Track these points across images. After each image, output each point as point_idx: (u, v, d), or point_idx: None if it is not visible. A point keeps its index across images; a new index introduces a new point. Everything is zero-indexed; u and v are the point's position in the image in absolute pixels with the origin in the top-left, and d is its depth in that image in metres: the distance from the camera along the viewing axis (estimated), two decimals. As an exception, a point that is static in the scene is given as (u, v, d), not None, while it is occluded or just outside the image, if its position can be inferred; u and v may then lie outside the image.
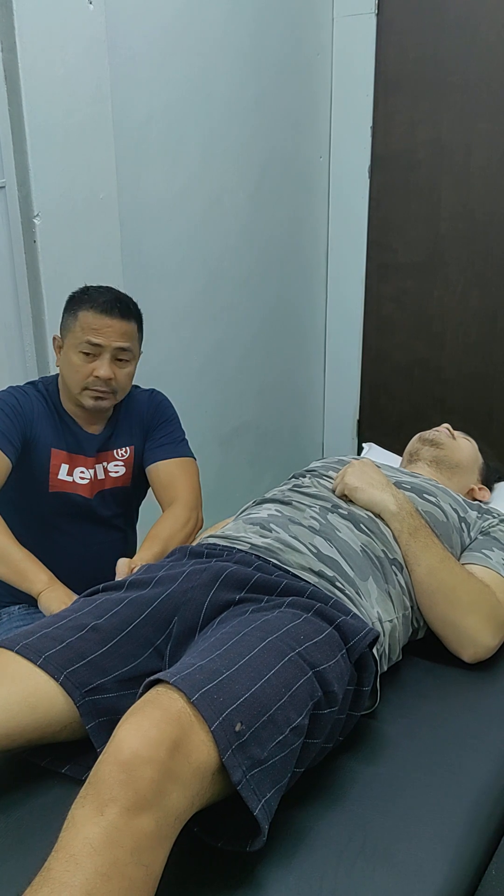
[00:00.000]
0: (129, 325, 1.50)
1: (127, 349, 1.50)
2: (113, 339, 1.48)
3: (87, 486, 1.60)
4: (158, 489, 1.64)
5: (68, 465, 1.58)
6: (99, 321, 1.46)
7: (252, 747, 0.89)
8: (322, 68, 2.57)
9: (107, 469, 1.62)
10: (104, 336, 1.47)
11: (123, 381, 1.53)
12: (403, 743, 1.14)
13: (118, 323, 1.48)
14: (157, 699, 0.89)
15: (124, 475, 1.64)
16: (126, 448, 1.64)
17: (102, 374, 1.48)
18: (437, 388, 2.76)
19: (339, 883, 0.90)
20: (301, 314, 2.79)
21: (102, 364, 1.48)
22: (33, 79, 1.65)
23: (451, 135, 2.49)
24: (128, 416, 1.64)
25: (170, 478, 1.63)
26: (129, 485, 1.66)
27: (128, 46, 1.88)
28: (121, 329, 1.48)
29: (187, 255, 2.21)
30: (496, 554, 1.42)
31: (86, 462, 1.59)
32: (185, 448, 1.68)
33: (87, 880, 0.76)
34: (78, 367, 1.49)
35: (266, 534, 1.33)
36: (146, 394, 1.69)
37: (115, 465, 1.63)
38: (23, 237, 1.76)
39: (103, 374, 1.48)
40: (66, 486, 1.58)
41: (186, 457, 1.67)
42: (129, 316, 1.50)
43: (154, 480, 1.65)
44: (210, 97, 2.15)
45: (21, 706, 1.01)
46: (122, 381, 1.52)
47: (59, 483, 1.58)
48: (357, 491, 1.41)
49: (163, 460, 1.64)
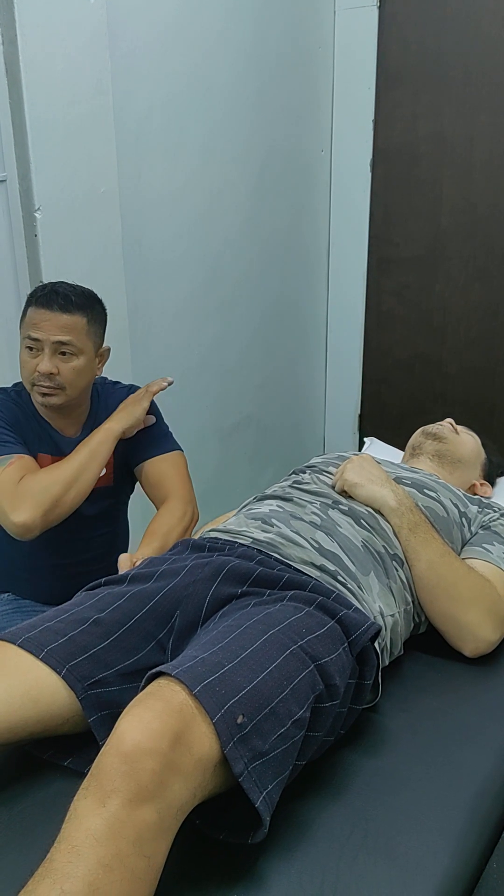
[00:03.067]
0: (70, 317, 1.44)
1: (67, 342, 1.44)
2: (51, 332, 1.43)
3: None
4: (149, 488, 1.63)
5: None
6: (38, 315, 1.43)
7: (253, 739, 0.90)
8: (324, 61, 2.57)
9: None
10: (42, 330, 1.43)
11: (69, 375, 1.47)
12: (405, 736, 1.14)
13: (57, 316, 1.43)
14: (158, 691, 0.89)
15: (106, 475, 1.61)
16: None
17: (42, 368, 1.43)
18: (438, 382, 2.76)
19: (341, 875, 0.91)
20: (302, 308, 2.78)
21: (43, 358, 1.44)
22: (34, 72, 1.65)
23: (453, 128, 2.48)
24: (107, 414, 1.60)
25: (159, 475, 1.61)
26: (111, 484, 1.64)
27: (129, 40, 1.88)
28: (59, 322, 1.43)
29: (188, 249, 2.21)
30: (497, 548, 1.42)
31: None
32: (171, 441, 1.66)
33: (90, 871, 0.76)
34: (24, 362, 1.46)
35: (268, 528, 1.33)
36: (125, 390, 1.66)
37: None
38: (24, 231, 1.76)
39: (43, 369, 1.43)
40: None
41: (173, 451, 1.64)
42: (70, 308, 1.45)
43: (144, 480, 1.63)
44: (211, 91, 2.15)
45: (23, 699, 1.01)
46: (68, 375, 1.47)
47: None
48: (357, 487, 1.41)
49: (150, 459, 1.62)
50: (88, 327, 1.48)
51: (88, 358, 1.50)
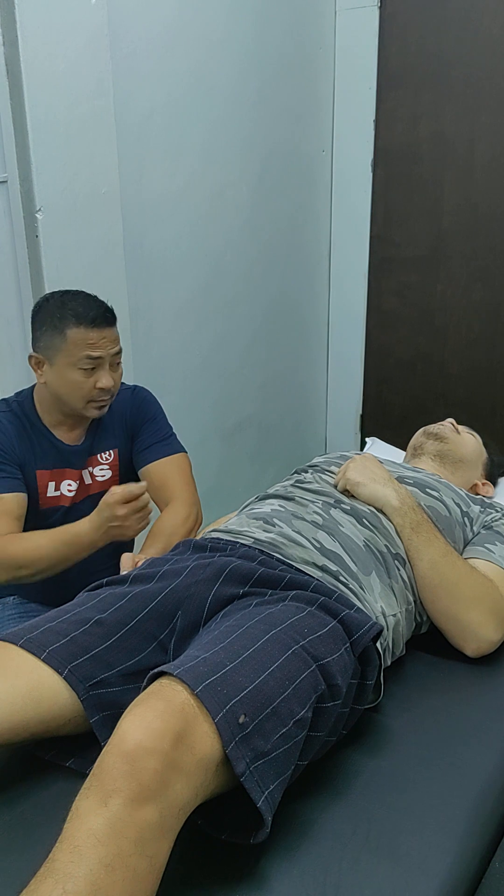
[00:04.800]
0: (113, 329, 1.49)
1: (117, 353, 1.50)
2: (109, 348, 1.47)
3: (75, 495, 1.59)
4: (153, 490, 1.62)
5: (55, 482, 1.57)
6: (93, 335, 1.45)
7: (255, 739, 0.90)
8: (324, 62, 2.57)
9: (93, 474, 1.61)
10: (102, 348, 1.46)
11: (118, 383, 1.53)
12: (407, 736, 1.14)
13: (108, 331, 1.47)
14: (160, 691, 0.89)
15: (111, 478, 1.62)
16: (110, 451, 1.62)
17: (107, 384, 1.47)
18: (440, 382, 2.75)
19: (343, 875, 0.91)
20: (303, 308, 2.78)
21: (104, 375, 1.47)
22: (35, 73, 1.65)
23: (454, 128, 2.48)
24: (110, 417, 1.61)
25: (163, 478, 1.62)
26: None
27: (129, 40, 1.88)
28: (112, 336, 1.48)
29: (189, 250, 2.21)
30: (499, 548, 1.41)
31: (73, 475, 1.58)
32: (175, 444, 1.67)
33: (91, 871, 0.76)
34: (80, 383, 1.47)
35: (269, 528, 1.33)
36: (128, 391, 1.67)
37: (100, 468, 1.62)
38: (25, 232, 1.76)
39: (108, 385, 1.48)
40: (56, 500, 1.58)
41: (177, 453, 1.65)
42: (112, 321, 1.49)
43: (148, 482, 1.62)
44: (212, 91, 2.15)
45: (25, 700, 1.01)
46: (118, 383, 1.53)
47: (48, 500, 1.57)
48: (359, 486, 1.41)
49: (154, 461, 1.62)
50: (119, 334, 1.53)
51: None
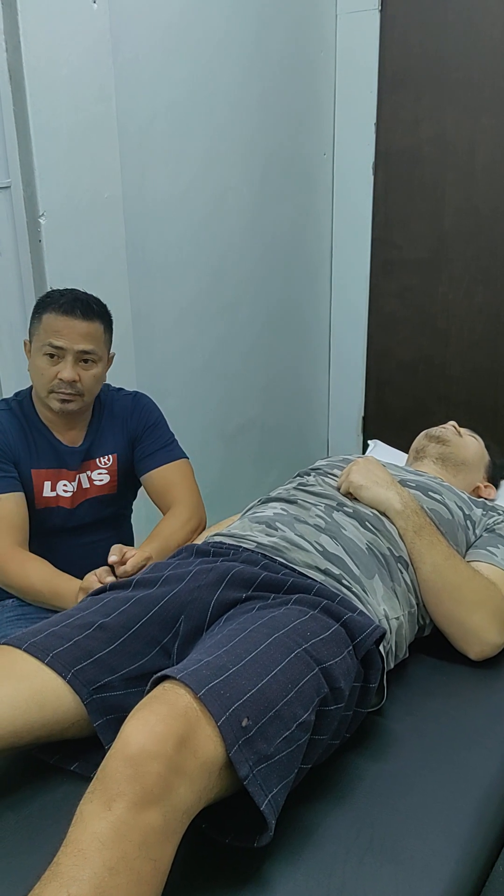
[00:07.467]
0: (91, 325, 1.46)
1: (90, 351, 1.47)
2: (75, 340, 1.45)
3: (71, 497, 1.58)
4: (156, 497, 1.63)
5: (51, 482, 1.56)
6: (61, 322, 1.44)
7: (258, 742, 0.90)
8: (325, 65, 2.57)
9: (91, 478, 1.60)
10: (66, 338, 1.44)
11: (89, 382, 1.50)
12: (410, 740, 1.14)
13: (80, 324, 1.45)
14: (163, 695, 0.89)
15: (109, 483, 1.62)
16: (109, 456, 1.62)
17: (66, 376, 1.45)
18: (441, 384, 2.75)
19: (347, 879, 0.91)
20: (305, 311, 2.78)
21: (66, 366, 1.45)
22: (38, 78, 1.65)
23: (455, 131, 2.48)
24: (111, 421, 1.61)
25: (165, 484, 1.62)
26: (114, 492, 1.64)
27: (131, 45, 1.88)
28: (83, 330, 1.45)
29: (191, 253, 2.21)
30: (501, 551, 1.41)
31: (68, 475, 1.58)
32: (176, 450, 1.66)
33: (96, 874, 0.77)
34: (43, 370, 1.46)
35: (272, 532, 1.33)
36: (129, 397, 1.66)
37: (98, 473, 1.61)
38: (28, 237, 1.77)
39: (66, 377, 1.45)
40: (51, 500, 1.57)
41: (178, 459, 1.65)
42: (92, 316, 1.47)
43: (150, 489, 1.63)
44: (214, 95, 2.15)
45: (29, 704, 1.01)
46: (88, 383, 1.49)
47: (44, 500, 1.57)
48: (362, 489, 1.41)
49: (156, 468, 1.62)
50: (105, 335, 1.51)
51: (104, 365, 1.53)
